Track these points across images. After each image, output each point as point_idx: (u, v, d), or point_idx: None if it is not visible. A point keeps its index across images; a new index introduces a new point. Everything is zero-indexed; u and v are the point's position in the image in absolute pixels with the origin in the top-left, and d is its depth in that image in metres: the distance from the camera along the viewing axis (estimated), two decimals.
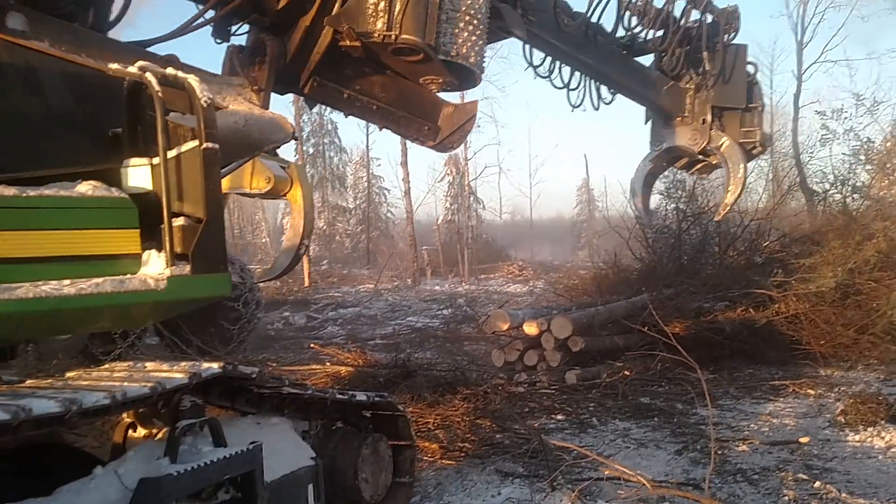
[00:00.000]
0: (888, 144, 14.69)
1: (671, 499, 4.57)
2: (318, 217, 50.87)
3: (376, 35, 3.99)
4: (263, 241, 58.21)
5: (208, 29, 4.11)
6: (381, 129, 5.10)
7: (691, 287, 11.37)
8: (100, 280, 2.69)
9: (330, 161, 51.58)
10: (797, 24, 33.43)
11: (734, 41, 7.51)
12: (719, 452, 5.53)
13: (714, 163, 7.89)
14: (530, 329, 9.04)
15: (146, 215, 2.92)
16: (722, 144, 7.29)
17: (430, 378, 7.78)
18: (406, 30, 3.96)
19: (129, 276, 2.81)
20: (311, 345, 12.06)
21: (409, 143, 30.49)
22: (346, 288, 27.68)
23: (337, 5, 4.07)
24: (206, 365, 2.89)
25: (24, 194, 2.60)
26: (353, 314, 18.54)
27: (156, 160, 2.93)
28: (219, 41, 4.22)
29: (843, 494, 4.67)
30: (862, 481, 5.03)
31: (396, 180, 47.99)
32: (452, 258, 35.82)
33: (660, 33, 7.09)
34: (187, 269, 2.88)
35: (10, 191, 2.56)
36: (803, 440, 5.99)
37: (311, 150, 48.67)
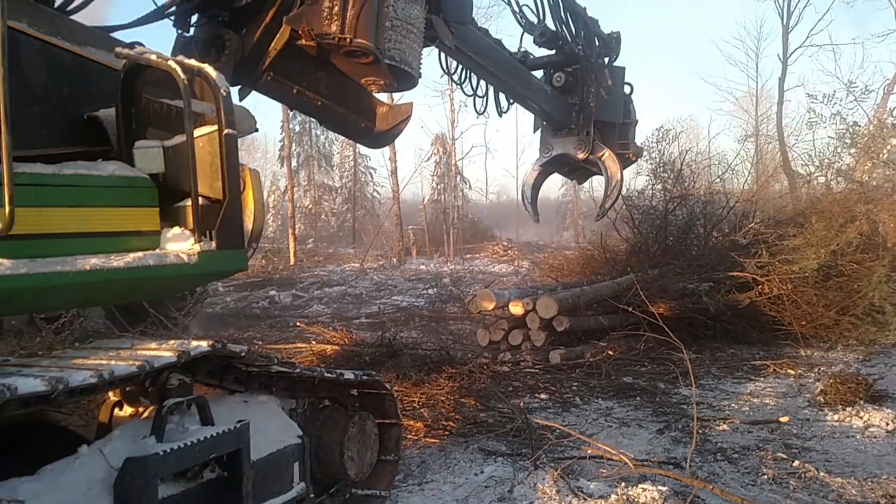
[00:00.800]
0: (872, 128, 14.79)
1: (652, 477, 4.63)
2: (305, 196, 50.66)
3: (332, 37, 4.26)
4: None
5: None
6: (320, 123, 5.44)
7: (676, 268, 11.46)
8: (141, 254, 2.91)
9: (316, 139, 51.22)
10: (783, 8, 33.50)
11: (615, 63, 8.46)
12: (700, 432, 5.62)
13: (594, 170, 8.67)
14: (516, 309, 9.11)
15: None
16: (603, 155, 8.08)
17: (415, 357, 7.82)
18: (360, 34, 4.25)
19: (165, 250, 3.03)
20: (297, 323, 12.07)
21: None
22: (331, 267, 27.62)
23: (295, 6, 4.31)
24: (194, 343, 2.90)
25: (61, 172, 2.76)
26: (339, 293, 18.51)
27: (168, 143, 3.14)
28: (179, 31, 4.35)
29: (822, 473, 4.76)
30: (840, 460, 5.13)
31: (383, 159, 48.04)
32: (438, 238, 35.81)
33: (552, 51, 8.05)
34: (213, 245, 3.09)
35: (49, 169, 2.72)
36: (783, 420, 6.08)
37: (297, 128, 48.28)
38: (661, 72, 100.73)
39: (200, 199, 3.08)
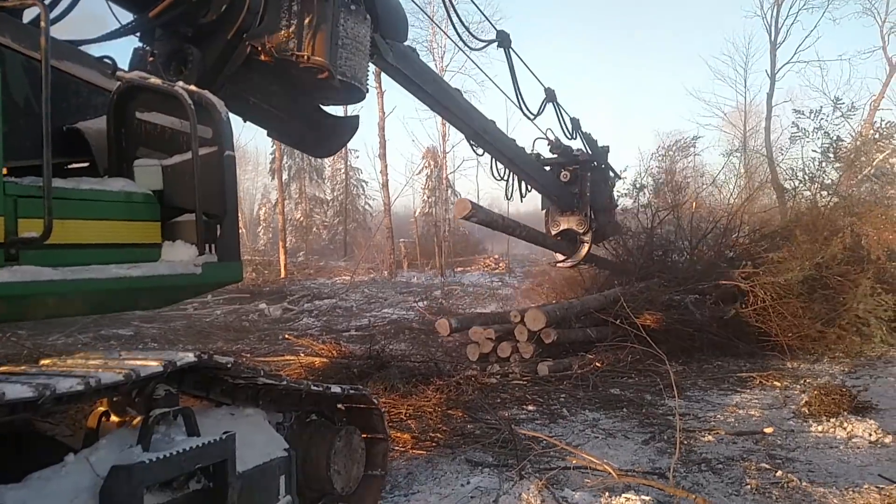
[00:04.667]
0: (857, 143, 14.95)
1: (636, 487, 4.67)
2: (296, 208, 50.63)
3: (290, 54, 4.56)
4: (241, 231, 57.68)
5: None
6: (269, 134, 5.86)
7: (663, 280, 11.55)
8: (156, 264, 3.14)
9: None
10: (771, 24, 33.76)
11: (604, 165, 11.39)
12: (685, 442, 5.67)
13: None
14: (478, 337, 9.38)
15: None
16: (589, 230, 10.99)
17: (403, 369, 7.86)
18: (317, 52, 4.58)
19: (173, 261, 3.21)
20: (286, 336, 12.08)
21: (386, 135, 30.55)
22: (322, 279, 27.62)
23: (255, 24, 4.58)
24: (180, 354, 2.93)
25: (79, 187, 2.95)
26: (329, 306, 18.52)
27: (166, 162, 3.31)
28: (142, 45, 4.56)
29: (804, 483, 4.81)
30: (823, 471, 5.18)
31: (374, 172, 47.82)
32: (429, 251, 35.78)
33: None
34: (215, 257, 3.29)
35: (68, 184, 2.90)
36: (768, 431, 6.14)
37: None
38: (651, 86, 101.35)
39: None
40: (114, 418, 2.98)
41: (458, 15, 7.10)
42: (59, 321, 12.26)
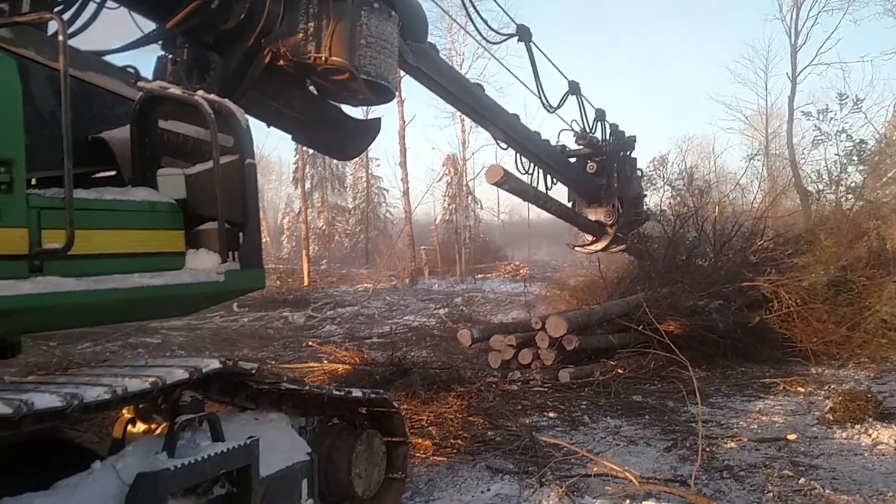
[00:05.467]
0: (882, 145, 14.79)
1: (657, 495, 4.66)
2: (318, 217, 50.91)
3: (309, 56, 4.58)
4: (264, 240, 58.10)
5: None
6: (293, 139, 5.89)
7: (686, 286, 11.46)
8: (178, 272, 3.17)
9: (329, 161, 51.52)
10: (791, 27, 33.55)
11: (631, 154, 11.32)
12: (707, 449, 5.64)
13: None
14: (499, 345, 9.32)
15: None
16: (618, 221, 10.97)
17: (424, 376, 7.89)
18: (335, 52, 4.57)
19: (196, 269, 3.25)
20: (310, 343, 12.16)
21: (406, 143, 30.67)
22: (344, 287, 27.72)
23: (275, 29, 4.60)
24: (206, 361, 3.00)
25: (102, 197, 2.99)
26: (352, 313, 18.61)
27: (189, 171, 3.35)
28: (165, 53, 4.63)
29: (827, 491, 4.76)
30: (847, 478, 5.12)
31: (395, 180, 47.90)
32: (450, 258, 35.81)
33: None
34: (237, 264, 3.32)
35: (91, 194, 2.95)
36: (791, 437, 6.09)
37: (310, 151, 48.63)
38: (669, 89, 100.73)
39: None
40: (140, 425, 3.04)
41: (476, 9, 7.16)
42: (88, 330, 12.43)
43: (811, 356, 9.56)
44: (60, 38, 2.64)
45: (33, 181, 3.04)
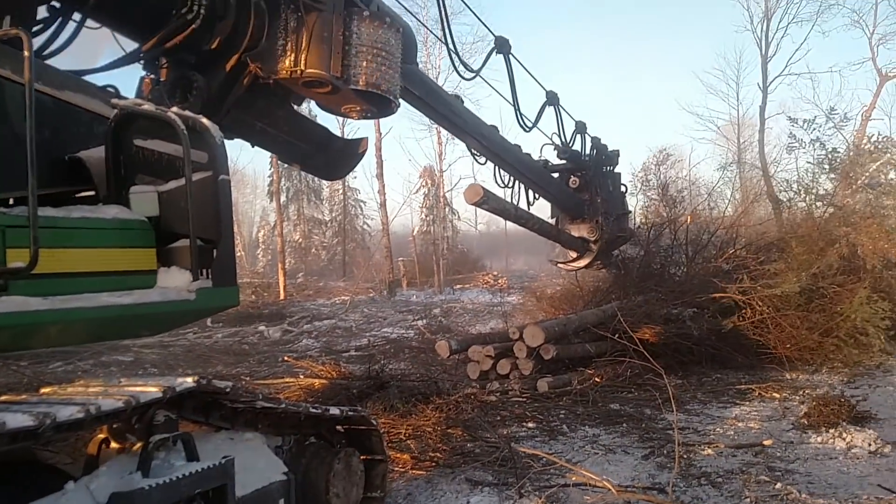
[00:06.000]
0: (851, 154, 15.07)
1: (636, 503, 4.68)
2: (295, 230, 50.69)
3: (284, 71, 4.51)
4: (238, 255, 57.71)
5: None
6: (279, 159, 5.72)
7: (661, 294, 11.55)
8: (148, 290, 3.12)
9: (305, 174, 51.38)
10: (761, 38, 34.16)
11: (614, 169, 11.43)
12: (685, 456, 5.68)
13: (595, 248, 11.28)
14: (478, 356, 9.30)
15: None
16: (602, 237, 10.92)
17: (402, 389, 7.85)
18: (311, 64, 4.49)
19: (167, 287, 3.20)
20: (285, 358, 12.07)
21: (383, 155, 30.67)
22: (321, 300, 27.60)
23: (260, 45, 4.55)
24: (179, 379, 2.96)
25: (70, 215, 2.95)
26: (329, 326, 18.52)
27: (161, 188, 3.32)
28: (147, 73, 4.59)
29: (804, 495, 4.82)
30: (822, 482, 5.18)
31: (372, 192, 48.01)
32: (428, 269, 35.82)
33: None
34: (209, 282, 3.27)
35: (59, 212, 2.91)
36: (767, 443, 6.15)
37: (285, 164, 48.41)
38: (643, 100, 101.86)
39: (197, 239, 3.25)
40: (114, 445, 3.00)
41: (454, 44, 7.22)
42: (59, 349, 12.24)
43: (785, 362, 9.68)
44: (26, 53, 2.61)
45: (10, 201, 2.99)
